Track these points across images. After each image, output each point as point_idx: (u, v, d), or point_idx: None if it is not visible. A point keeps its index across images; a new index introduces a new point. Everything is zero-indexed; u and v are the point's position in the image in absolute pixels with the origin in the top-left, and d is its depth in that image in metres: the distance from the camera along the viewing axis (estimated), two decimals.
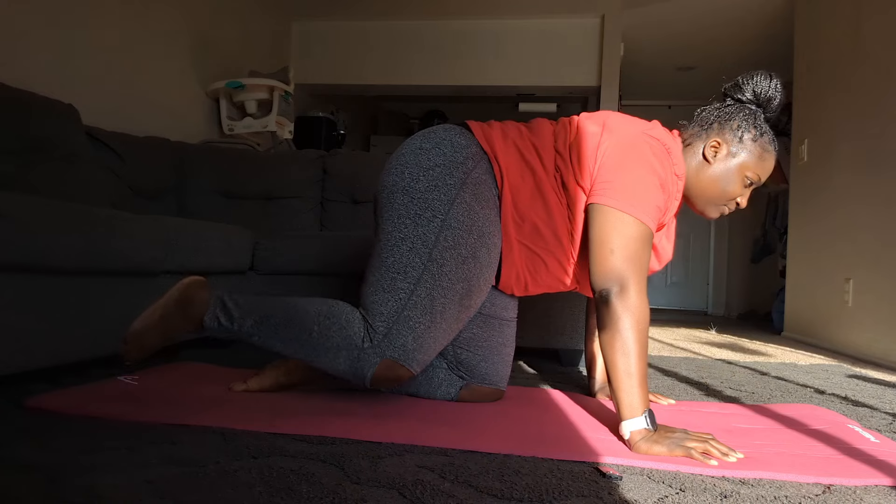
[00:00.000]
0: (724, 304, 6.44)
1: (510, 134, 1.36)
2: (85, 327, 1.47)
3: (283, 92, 3.62)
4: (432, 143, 1.32)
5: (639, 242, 1.20)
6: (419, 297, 1.21)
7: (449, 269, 1.24)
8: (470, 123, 1.38)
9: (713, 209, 1.37)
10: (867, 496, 0.92)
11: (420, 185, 1.27)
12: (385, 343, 1.20)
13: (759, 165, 1.31)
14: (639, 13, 4.52)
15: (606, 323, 1.17)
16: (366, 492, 0.83)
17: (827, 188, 3.40)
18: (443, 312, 1.23)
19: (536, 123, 1.40)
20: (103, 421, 1.12)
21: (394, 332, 1.20)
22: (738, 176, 1.31)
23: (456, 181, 1.27)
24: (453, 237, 1.24)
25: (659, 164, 1.25)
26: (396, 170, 1.31)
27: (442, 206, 1.25)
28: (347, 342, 1.21)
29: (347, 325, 1.22)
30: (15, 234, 1.23)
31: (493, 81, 4.78)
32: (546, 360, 2.24)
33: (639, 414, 1.10)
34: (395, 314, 1.21)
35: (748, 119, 1.31)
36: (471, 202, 1.27)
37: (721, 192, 1.33)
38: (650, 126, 1.33)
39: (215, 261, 2.01)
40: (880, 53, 2.86)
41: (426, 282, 1.22)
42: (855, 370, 2.38)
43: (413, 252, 1.23)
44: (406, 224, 1.25)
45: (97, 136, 2.34)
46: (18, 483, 0.81)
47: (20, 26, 2.28)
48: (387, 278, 1.23)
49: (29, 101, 1.94)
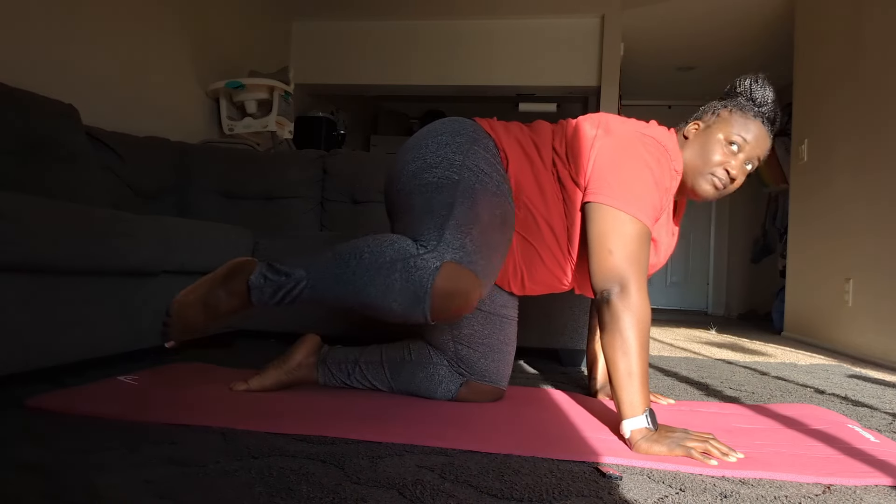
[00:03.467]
0: (724, 304, 6.44)
1: (512, 130, 1.39)
2: (85, 327, 1.47)
3: (283, 92, 3.62)
4: (436, 124, 1.36)
5: (637, 241, 1.20)
6: (461, 214, 1.20)
7: (480, 197, 1.23)
8: (475, 118, 1.41)
9: (702, 182, 1.32)
10: (867, 496, 0.92)
11: (430, 149, 1.29)
12: (442, 246, 1.15)
13: (732, 125, 1.30)
14: (639, 13, 4.51)
15: (607, 322, 1.17)
16: (366, 492, 0.83)
17: (827, 188, 3.40)
18: (490, 224, 1.22)
19: (537, 124, 1.42)
20: (103, 421, 1.12)
21: (447, 236, 1.17)
22: (713, 139, 1.31)
23: (465, 139, 1.30)
24: (476, 176, 1.25)
25: (654, 162, 1.25)
26: (406, 157, 1.33)
27: (458, 156, 1.27)
28: (401, 253, 1.15)
29: (398, 240, 1.19)
30: (15, 234, 1.23)
31: (493, 81, 4.78)
32: (546, 360, 2.24)
33: (639, 413, 1.10)
34: (440, 225, 1.18)
35: (729, 103, 1.33)
36: (484, 154, 1.30)
37: (703, 161, 1.31)
38: (645, 125, 1.34)
39: (215, 261, 2.01)
40: (880, 53, 2.86)
41: (463, 204, 1.21)
42: (855, 370, 2.38)
43: (441, 189, 1.23)
44: (426, 176, 1.26)
45: (97, 136, 2.34)
46: (18, 483, 0.81)
47: (20, 26, 2.28)
48: (425, 213, 1.22)
49: (29, 101, 1.94)
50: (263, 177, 2.84)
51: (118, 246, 1.52)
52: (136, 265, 1.61)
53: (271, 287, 1.23)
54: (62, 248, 1.34)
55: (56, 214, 1.33)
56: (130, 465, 0.90)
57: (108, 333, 1.55)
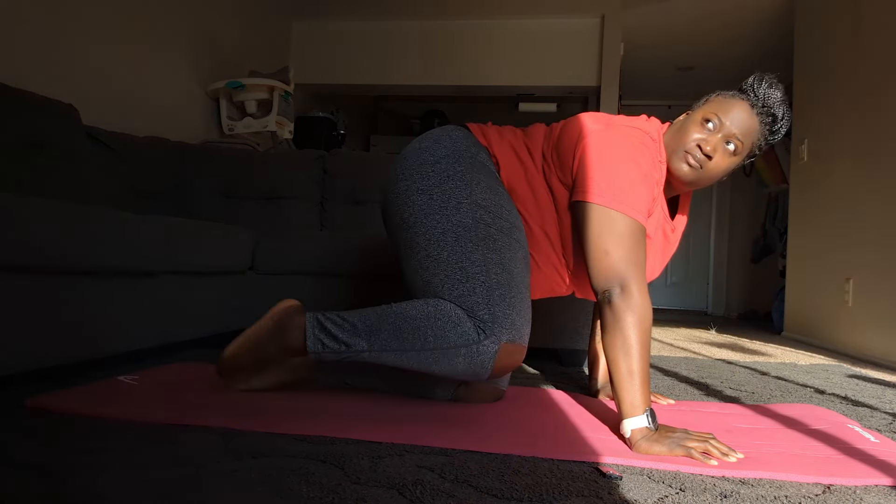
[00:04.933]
0: (724, 304, 6.44)
1: (506, 135, 1.39)
2: (85, 327, 1.47)
3: (283, 92, 3.62)
4: (430, 140, 1.35)
5: (632, 239, 1.19)
6: (496, 273, 1.21)
7: (503, 241, 1.25)
8: (467, 125, 1.41)
9: (677, 161, 1.28)
10: (867, 496, 0.91)
11: (432, 181, 1.28)
12: (497, 328, 1.18)
13: (712, 104, 1.29)
14: (639, 13, 4.52)
15: (609, 322, 1.16)
16: (366, 492, 0.83)
17: (826, 188, 3.40)
18: (523, 281, 1.25)
19: (532, 128, 1.42)
20: (103, 421, 1.12)
21: (498, 314, 1.19)
22: (691, 120, 1.30)
23: (465, 167, 1.29)
24: (489, 214, 1.26)
25: (638, 154, 1.23)
26: (403, 175, 1.32)
27: (463, 192, 1.26)
28: (465, 339, 1.18)
29: (459, 323, 1.19)
30: (15, 234, 1.23)
31: (493, 81, 4.78)
32: (546, 360, 2.24)
33: (640, 412, 1.10)
34: (487, 297, 1.19)
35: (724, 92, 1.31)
36: (487, 181, 1.30)
37: (677, 140, 1.29)
38: (631, 118, 1.33)
39: (215, 261, 2.01)
40: (880, 53, 2.86)
41: (492, 259, 1.22)
42: (855, 370, 2.38)
43: (461, 240, 1.23)
44: (438, 219, 1.26)
45: (97, 136, 2.34)
46: (18, 483, 0.81)
47: (21, 26, 2.28)
48: (456, 270, 1.22)
49: (29, 101, 1.94)
50: (263, 177, 2.84)
51: (118, 246, 1.52)
52: (136, 265, 1.60)
53: (332, 355, 1.26)
54: (62, 248, 1.34)
55: (56, 214, 1.33)
56: (130, 465, 0.90)
57: (108, 333, 1.55)
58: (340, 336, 1.24)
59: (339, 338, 1.24)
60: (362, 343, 1.24)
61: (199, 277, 1.98)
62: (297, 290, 2.25)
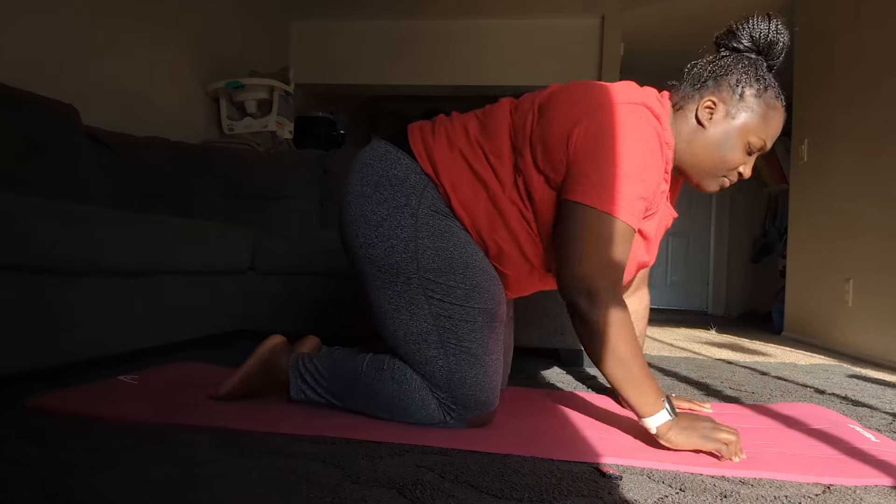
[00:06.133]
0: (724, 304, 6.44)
1: (457, 142, 1.19)
2: (85, 327, 1.47)
3: (283, 92, 3.62)
4: (371, 184, 1.20)
5: (616, 243, 1.07)
6: (455, 354, 1.15)
7: (459, 313, 1.15)
8: (411, 133, 1.23)
9: (711, 181, 1.20)
10: (867, 496, 0.91)
11: (378, 250, 1.17)
12: (462, 410, 1.16)
13: (764, 127, 1.14)
14: (639, 13, 4.52)
15: (587, 340, 1.08)
16: (366, 492, 0.83)
17: (827, 188, 3.40)
18: (485, 349, 1.17)
19: (492, 115, 1.20)
20: (103, 421, 1.12)
21: (459, 397, 1.15)
22: (739, 141, 1.15)
23: (409, 231, 1.15)
24: (440, 286, 1.15)
25: (644, 142, 1.08)
26: (350, 223, 1.21)
27: (410, 265, 1.15)
28: (430, 418, 1.17)
29: (424, 405, 1.17)
30: (15, 234, 1.23)
31: (492, 81, 4.78)
32: (546, 360, 2.24)
33: (659, 408, 1.05)
34: (448, 381, 1.15)
35: (748, 71, 1.14)
36: (435, 243, 1.15)
37: (720, 160, 1.16)
38: (635, 90, 1.15)
39: (215, 261, 2.01)
40: (880, 52, 2.86)
41: (450, 340, 1.15)
42: (855, 370, 2.38)
43: (415, 318, 1.16)
44: (389, 295, 1.18)
45: (97, 136, 2.34)
46: (18, 483, 0.81)
47: (21, 26, 2.28)
48: (413, 350, 1.17)
49: (29, 101, 1.94)
50: (263, 177, 2.84)
51: (118, 246, 1.52)
52: (136, 265, 1.60)
53: (314, 402, 1.28)
54: (62, 248, 1.34)
55: (56, 214, 1.33)
56: (130, 465, 0.90)
57: (108, 333, 1.55)
58: (318, 389, 1.27)
59: (317, 391, 1.27)
60: (336, 401, 1.26)
61: (199, 277, 1.98)
62: (297, 290, 2.25)
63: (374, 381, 1.21)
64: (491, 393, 1.18)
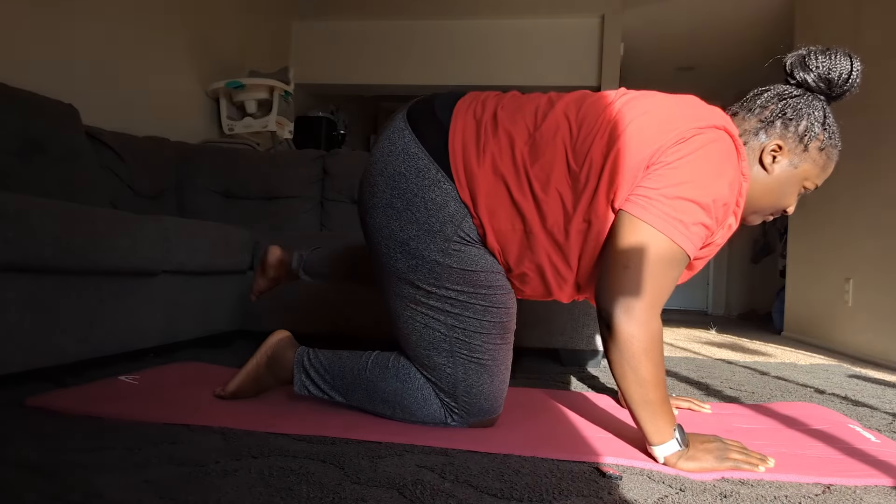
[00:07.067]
0: (724, 304, 6.44)
1: (501, 166, 1.09)
2: (85, 327, 1.47)
3: (283, 92, 3.62)
4: (404, 200, 1.12)
5: (668, 267, 1.02)
6: (463, 364, 1.15)
7: (474, 326, 1.14)
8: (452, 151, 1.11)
9: (758, 217, 1.22)
10: (867, 496, 0.91)
11: (400, 265, 1.14)
12: (465, 413, 1.18)
13: (821, 175, 1.16)
14: (639, 13, 4.52)
15: (613, 352, 1.04)
16: (366, 492, 0.83)
17: (827, 188, 3.40)
18: (495, 360, 1.17)
19: (546, 134, 1.09)
20: (103, 421, 1.12)
21: (463, 403, 1.17)
22: (796, 187, 1.16)
23: (436, 255, 1.12)
24: (460, 303, 1.13)
25: (725, 170, 1.04)
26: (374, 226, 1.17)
27: (433, 282, 1.13)
28: (432, 418, 1.19)
29: (426, 404, 1.19)
30: (15, 234, 1.23)
31: (493, 81, 4.78)
32: (546, 360, 2.24)
33: (668, 438, 1.02)
34: (454, 389, 1.16)
35: (818, 120, 1.12)
36: (461, 266, 1.12)
37: (774, 202, 1.18)
38: (699, 112, 1.08)
39: (215, 261, 2.01)
40: (880, 53, 2.86)
41: (461, 350, 1.15)
42: (855, 370, 2.38)
43: (429, 327, 1.15)
44: (406, 301, 1.17)
45: (97, 136, 2.34)
46: (18, 483, 0.81)
47: (21, 26, 2.28)
48: (422, 355, 1.18)
49: (29, 101, 1.94)
50: (263, 177, 2.84)
51: (118, 246, 1.52)
52: (136, 265, 1.60)
53: (316, 398, 1.29)
54: (62, 248, 1.34)
55: (56, 214, 1.33)
56: (130, 465, 0.90)
57: (108, 333, 1.55)
58: (321, 385, 1.27)
59: (321, 387, 1.27)
60: (339, 397, 1.27)
61: (199, 277, 1.98)
62: (296, 290, 2.25)
63: (377, 377, 1.22)
64: (496, 401, 1.19)
